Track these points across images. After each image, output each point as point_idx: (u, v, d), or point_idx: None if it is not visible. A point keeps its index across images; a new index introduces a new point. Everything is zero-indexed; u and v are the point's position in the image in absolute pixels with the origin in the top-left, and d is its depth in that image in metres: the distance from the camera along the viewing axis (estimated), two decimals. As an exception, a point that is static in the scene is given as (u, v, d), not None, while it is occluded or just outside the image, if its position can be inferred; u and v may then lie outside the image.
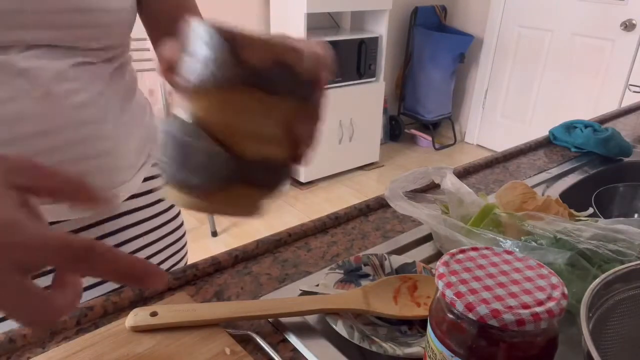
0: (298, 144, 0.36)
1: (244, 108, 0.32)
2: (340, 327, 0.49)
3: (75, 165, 0.52)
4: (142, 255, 0.67)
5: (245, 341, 0.48)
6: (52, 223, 0.57)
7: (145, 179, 0.66)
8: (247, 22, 2.81)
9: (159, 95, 2.35)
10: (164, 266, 0.72)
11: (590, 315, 0.40)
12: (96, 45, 0.52)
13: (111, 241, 0.64)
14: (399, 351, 0.46)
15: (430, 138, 3.65)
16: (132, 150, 0.61)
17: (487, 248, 0.40)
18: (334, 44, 2.75)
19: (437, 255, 0.65)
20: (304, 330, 0.50)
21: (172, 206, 0.73)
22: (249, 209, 0.36)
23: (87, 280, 0.62)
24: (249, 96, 0.32)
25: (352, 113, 2.99)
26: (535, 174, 0.93)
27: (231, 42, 0.30)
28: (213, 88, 0.31)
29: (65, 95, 0.49)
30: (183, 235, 0.77)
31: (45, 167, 0.33)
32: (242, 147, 0.33)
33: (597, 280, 0.42)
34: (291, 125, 0.35)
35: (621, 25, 2.84)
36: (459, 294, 0.33)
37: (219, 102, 0.32)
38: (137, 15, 0.61)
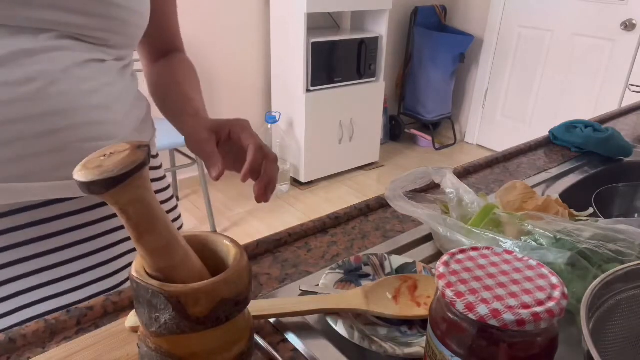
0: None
1: (196, 344, 0.37)
2: (340, 327, 0.49)
3: (81, 146, 0.54)
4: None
5: (245, 341, 0.48)
6: (53, 201, 0.57)
7: None
8: (247, 22, 2.81)
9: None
10: None
11: (590, 315, 0.40)
12: (112, 42, 0.57)
13: (106, 226, 0.63)
14: (399, 351, 0.46)
15: (430, 138, 3.65)
16: (131, 138, 0.61)
17: (487, 248, 0.40)
18: (334, 44, 2.75)
19: (437, 255, 0.65)
20: (304, 330, 0.50)
21: (170, 200, 0.73)
22: None
23: (85, 278, 0.62)
24: (198, 335, 0.36)
25: (352, 113, 2.99)
26: (535, 174, 0.93)
27: (176, 299, 0.34)
28: (168, 334, 0.36)
29: (78, 82, 0.54)
30: None
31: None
32: None
33: (597, 280, 0.42)
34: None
35: (621, 25, 2.84)
36: (459, 294, 0.33)
37: (174, 342, 0.37)
38: None
